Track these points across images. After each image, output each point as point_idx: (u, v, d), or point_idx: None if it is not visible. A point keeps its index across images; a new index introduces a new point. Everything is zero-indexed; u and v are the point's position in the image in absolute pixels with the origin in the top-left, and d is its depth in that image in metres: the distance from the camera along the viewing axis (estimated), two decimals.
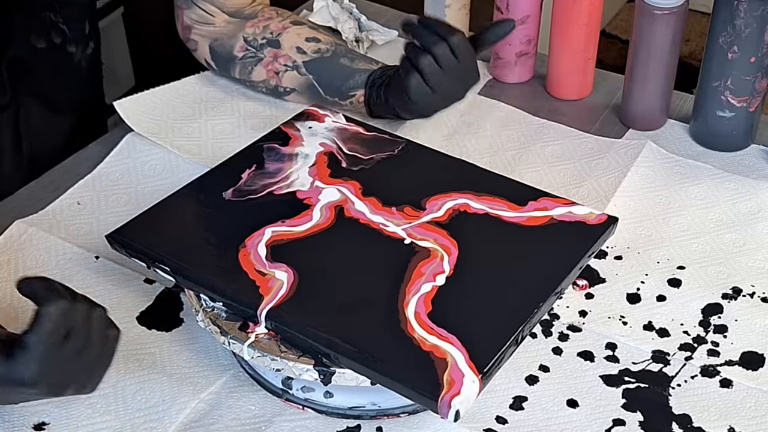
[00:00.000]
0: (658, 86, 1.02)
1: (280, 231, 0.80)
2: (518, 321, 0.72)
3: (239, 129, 1.04)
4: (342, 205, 0.83)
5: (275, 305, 0.73)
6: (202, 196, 0.85)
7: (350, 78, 1.01)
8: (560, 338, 0.81)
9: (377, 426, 0.74)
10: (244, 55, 1.04)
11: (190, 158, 0.99)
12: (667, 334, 0.81)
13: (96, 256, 0.88)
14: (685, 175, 0.98)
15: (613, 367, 0.78)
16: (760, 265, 0.87)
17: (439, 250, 0.78)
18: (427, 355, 0.69)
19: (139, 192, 0.96)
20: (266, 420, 0.74)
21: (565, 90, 1.10)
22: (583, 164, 0.99)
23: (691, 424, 0.74)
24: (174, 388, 0.76)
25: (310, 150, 0.91)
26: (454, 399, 0.66)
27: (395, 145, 0.91)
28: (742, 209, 0.93)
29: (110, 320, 0.70)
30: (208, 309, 0.76)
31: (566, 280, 0.77)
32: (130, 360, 0.78)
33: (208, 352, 0.79)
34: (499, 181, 0.87)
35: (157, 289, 0.85)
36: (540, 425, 0.74)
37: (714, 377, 0.77)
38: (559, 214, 0.83)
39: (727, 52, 0.95)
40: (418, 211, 0.83)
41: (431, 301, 0.73)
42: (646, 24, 0.98)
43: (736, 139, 1.01)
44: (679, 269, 0.87)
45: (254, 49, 1.03)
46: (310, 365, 0.71)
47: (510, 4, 1.07)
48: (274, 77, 1.04)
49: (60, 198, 0.95)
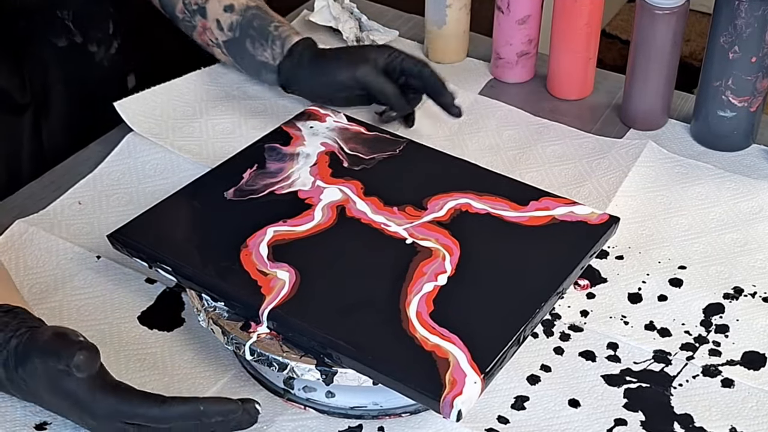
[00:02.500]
0: (659, 86, 1.02)
1: (282, 231, 0.80)
2: (520, 321, 0.72)
3: (240, 129, 1.04)
4: (343, 205, 0.83)
5: (277, 305, 0.73)
6: (204, 196, 0.85)
7: (264, 51, 1.02)
8: (562, 338, 0.81)
9: (379, 426, 0.74)
10: (183, 18, 1.05)
11: (191, 158, 0.99)
12: (668, 334, 0.81)
13: (97, 256, 0.88)
14: (686, 175, 0.98)
15: (615, 367, 0.78)
16: (762, 265, 0.87)
17: (441, 249, 0.78)
18: (429, 355, 0.69)
19: (141, 192, 0.96)
20: (268, 420, 0.74)
21: (565, 90, 1.10)
22: (584, 164, 0.99)
23: (693, 423, 0.74)
24: (175, 388, 0.76)
25: (312, 150, 0.91)
26: (456, 399, 0.66)
27: (397, 145, 0.91)
28: (743, 209, 0.93)
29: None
30: (210, 309, 0.76)
31: (568, 280, 0.77)
32: (131, 360, 0.78)
33: (209, 352, 0.79)
34: (500, 181, 0.87)
35: (159, 289, 0.85)
36: (542, 425, 0.74)
37: (716, 377, 0.77)
38: (560, 213, 0.83)
39: (728, 52, 0.95)
40: (419, 211, 0.83)
41: (433, 301, 0.73)
42: (646, 24, 0.98)
43: (737, 139, 1.01)
44: (681, 269, 0.87)
45: (189, 14, 1.04)
46: (312, 365, 0.71)
47: (511, 4, 1.07)
48: (208, 47, 1.06)
49: (61, 198, 0.95)
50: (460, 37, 1.15)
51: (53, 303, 0.83)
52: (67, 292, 0.84)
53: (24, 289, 0.84)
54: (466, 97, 1.09)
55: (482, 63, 1.16)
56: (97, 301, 0.84)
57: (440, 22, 1.13)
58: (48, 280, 0.86)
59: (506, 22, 1.09)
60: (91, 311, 0.83)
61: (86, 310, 0.83)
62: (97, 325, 0.81)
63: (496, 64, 1.13)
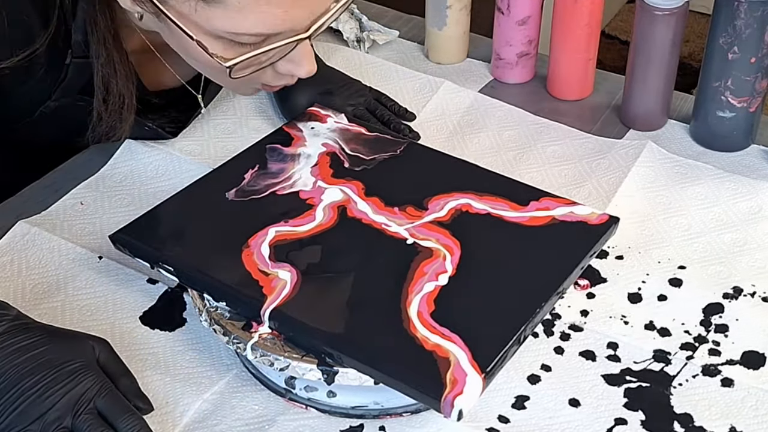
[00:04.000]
0: (659, 87, 1.02)
1: (284, 231, 0.80)
2: (521, 320, 0.72)
3: (241, 129, 1.04)
4: (345, 205, 0.84)
5: (278, 305, 0.73)
6: (205, 197, 0.85)
7: None
8: (562, 338, 0.81)
9: (380, 425, 0.74)
10: None
11: (192, 159, 0.99)
12: (668, 334, 0.81)
13: (99, 256, 0.88)
14: (686, 175, 0.98)
15: (615, 367, 0.78)
16: (761, 265, 0.87)
17: (442, 249, 0.79)
18: (430, 355, 0.69)
19: (142, 192, 0.96)
20: (269, 419, 0.74)
21: (565, 90, 1.10)
22: (584, 164, 1.00)
23: (693, 423, 0.74)
24: (177, 388, 0.76)
25: (313, 150, 0.91)
26: (457, 398, 0.66)
27: (397, 146, 0.91)
28: (742, 209, 0.93)
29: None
30: (212, 309, 0.76)
31: (568, 280, 0.77)
32: (133, 360, 0.78)
33: (211, 352, 0.80)
34: (500, 181, 0.87)
35: (160, 289, 0.85)
36: (542, 424, 0.74)
37: (715, 376, 0.78)
38: (560, 214, 0.83)
39: (728, 52, 0.96)
40: (420, 211, 0.83)
41: (434, 301, 0.74)
42: (646, 25, 0.98)
43: (736, 140, 1.02)
44: (680, 269, 0.87)
45: None
46: (313, 365, 0.71)
47: (511, 4, 1.08)
48: None
49: (63, 198, 0.95)
50: (460, 37, 1.15)
51: (55, 303, 0.84)
52: (69, 293, 0.85)
53: (26, 290, 0.85)
54: (466, 97, 1.09)
55: (482, 64, 1.16)
56: (99, 301, 0.84)
57: (440, 23, 1.13)
58: (50, 280, 0.86)
59: (506, 22, 1.09)
60: (93, 311, 0.83)
61: (88, 310, 0.83)
62: (99, 325, 0.82)
63: (496, 65, 1.13)
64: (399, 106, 1.06)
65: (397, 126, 1.02)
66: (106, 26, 0.86)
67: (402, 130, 1.01)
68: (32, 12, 0.84)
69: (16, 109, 0.92)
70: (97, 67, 0.89)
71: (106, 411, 0.71)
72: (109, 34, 0.87)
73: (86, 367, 0.72)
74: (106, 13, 0.86)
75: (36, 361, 0.71)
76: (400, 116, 1.05)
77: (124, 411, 0.71)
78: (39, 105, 0.92)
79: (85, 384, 0.71)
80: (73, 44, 0.88)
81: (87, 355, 0.73)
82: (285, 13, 0.76)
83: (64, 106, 0.92)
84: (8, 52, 0.84)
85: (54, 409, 0.69)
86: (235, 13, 0.75)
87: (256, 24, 0.76)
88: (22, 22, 0.84)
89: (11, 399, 0.69)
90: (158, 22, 0.82)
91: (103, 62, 0.88)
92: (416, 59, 1.18)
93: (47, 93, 0.91)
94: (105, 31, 0.86)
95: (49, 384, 0.70)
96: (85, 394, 0.70)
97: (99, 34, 0.86)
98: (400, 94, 1.10)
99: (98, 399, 0.71)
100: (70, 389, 0.70)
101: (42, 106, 0.92)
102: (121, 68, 0.89)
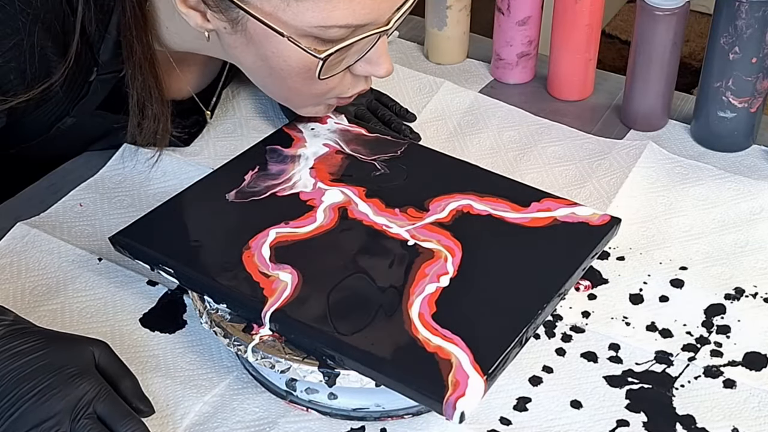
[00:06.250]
0: (659, 87, 1.02)
1: (284, 232, 0.80)
2: (522, 322, 0.72)
3: (241, 130, 1.04)
4: (345, 207, 0.83)
5: (279, 307, 0.73)
6: (205, 198, 0.85)
7: None
8: (563, 339, 0.81)
9: (381, 427, 0.74)
10: None
11: (192, 160, 0.99)
12: (670, 335, 0.81)
13: (99, 258, 0.88)
14: (687, 175, 0.98)
15: (617, 368, 0.78)
16: (762, 266, 0.87)
17: (443, 251, 0.79)
18: (432, 357, 0.69)
19: (142, 194, 0.96)
20: (270, 422, 0.74)
21: (566, 91, 1.10)
22: (585, 165, 1.00)
23: (695, 424, 0.74)
24: (178, 390, 0.76)
25: (313, 151, 0.91)
26: (459, 400, 0.66)
27: (397, 147, 0.91)
28: (743, 209, 0.93)
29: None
30: (212, 311, 0.76)
31: (570, 281, 0.77)
32: (133, 363, 0.78)
33: (211, 354, 0.79)
34: (501, 182, 0.87)
35: (161, 291, 0.85)
36: (544, 426, 0.74)
37: (717, 378, 0.78)
38: (562, 215, 0.83)
39: (729, 52, 0.96)
40: (421, 213, 0.83)
41: (435, 303, 0.74)
42: (647, 25, 0.98)
43: (737, 140, 1.01)
44: (682, 270, 0.87)
45: None
46: (314, 367, 0.71)
47: (511, 5, 1.07)
48: None
49: (62, 200, 0.95)
50: (460, 38, 1.15)
51: (55, 305, 0.83)
52: (69, 295, 0.84)
53: (25, 292, 0.85)
54: (466, 97, 1.09)
55: (482, 64, 1.16)
56: (98, 303, 0.84)
57: (440, 23, 1.13)
58: (50, 282, 0.86)
59: (506, 23, 1.09)
60: (93, 313, 0.83)
61: (88, 313, 0.83)
62: (99, 327, 0.81)
63: (496, 65, 1.13)
64: (400, 107, 1.06)
65: (398, 127, 1.02)
66: (143, 52, 0.86)
67: (403, 131, 1.01)
68: (47, 43, 0.82)
69: (31, 129, 0.92)
70: (132, 92, 0.89)
71: (106, 415, 0.70)
72: (146, 61, 0.87)
73: (85, 371, 0.71)
74: (142, 39, 0.86)
75: (34, 366, 0.70)
76: (401, 117, 1.05)
77: (124, 415, 0.70)
78: (56, 122, 0.91)
79: (84, 388, 0.70)
80: (100, 64, 0.87)
81: (86, 359, 0.72)
82: (373, 2, 0.77)
83: (82, 122, 0.92)
84: (24, 87, 0.83)
85: (52, 414, 0.68)
86: (325, 3, 0.76)
87: (345, 15, 0.76)
88: (39, 53, 0.82)
89: (9, 404, 0.69)
90: (230, 36, 0.81)
91: (139, 87, 0.88)
92: (416, 59, 1.18)
93: (65, 111, 0.90)
94: (141, 57, 0.86)
95: (47, 389, 0.69)
96: (83, 399, 0.70)
97: (135, 59, 0.86)
98: (400, 95, 1.10)
99: (97, 403, 0.70)
100: (68, 394, 0.69)
101: (59, 123, 0.91)
102: (157, 93, 0.89)
